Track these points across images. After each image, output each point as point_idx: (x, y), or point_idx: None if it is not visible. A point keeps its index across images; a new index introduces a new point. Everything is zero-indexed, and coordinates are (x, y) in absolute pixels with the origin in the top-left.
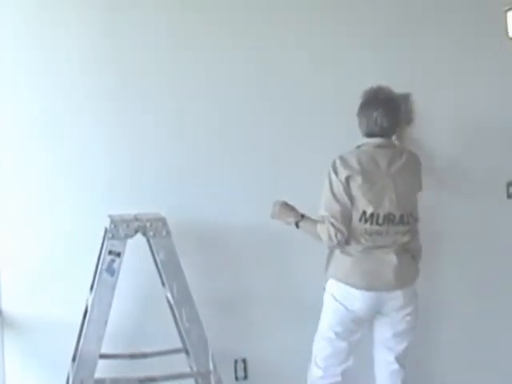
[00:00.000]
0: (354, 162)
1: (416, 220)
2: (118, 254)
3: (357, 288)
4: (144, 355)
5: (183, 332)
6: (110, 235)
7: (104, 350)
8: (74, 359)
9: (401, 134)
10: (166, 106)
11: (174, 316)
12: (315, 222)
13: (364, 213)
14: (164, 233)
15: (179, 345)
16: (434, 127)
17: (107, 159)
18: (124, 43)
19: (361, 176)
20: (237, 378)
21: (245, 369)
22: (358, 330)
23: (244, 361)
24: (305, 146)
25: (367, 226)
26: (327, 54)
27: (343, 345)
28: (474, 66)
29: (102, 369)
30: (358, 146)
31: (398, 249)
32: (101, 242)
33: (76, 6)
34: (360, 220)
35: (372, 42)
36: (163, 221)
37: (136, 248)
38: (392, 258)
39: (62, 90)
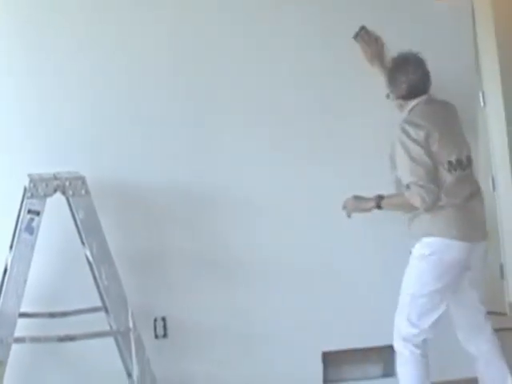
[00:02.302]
0: (421, 122)
1: None
2: (37, 213)
3: (458, 240)
4: (64, 314)
5: (102, 290)
6: (29, 194)
7: (24, 309)
8: None
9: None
10: (84, 66)
11: (94, 274)
12: (397, 194)
13: (450, 162)
14: (83, 192)
15: (99, 303)
16: None
17: (26, 119)
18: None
19: (435, 130)
20: (156, 336)
21: (164, 327)
22: (458, 286)
23: (163, 319)
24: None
25: (457, 173)
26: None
27: (440, 300)
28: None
29: (22, 327)
30: (410, 110)
31: (478, 197)
32: (20, 201)
33: None
34: (449, 171)
35: None
36: (82, 180)
37: (55, 207)
38: (478, 208)
39: None
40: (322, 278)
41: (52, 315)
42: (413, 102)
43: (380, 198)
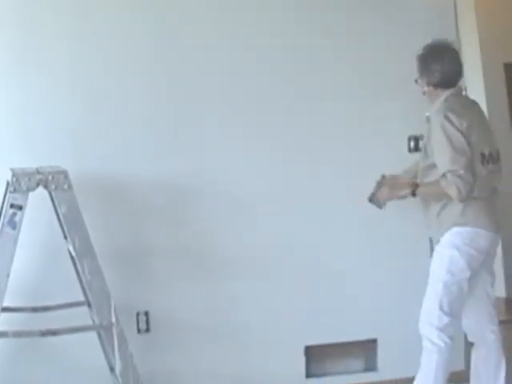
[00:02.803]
0: (462, 112)
1: None
2: (20, 208)
3: (486, 230)
4: (46, 308)
5: (85, 285)
6: (12, 188)
7: (6, 303)
8: None
9: None
10: (67, 62)
11: (76, 269)
12: (433, 182)
13: (483, 155)
14: (66, 186)
15: (81, 298)
16: None
17: (8, 114)
18: None
19: (474, 121)
20: (139, 331)
21: (147, 321)
22: (478, 272)
23: (146, 313)
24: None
25: (489, 166)
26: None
27: (467, 287)
28: None
29: (4, 322)
30: (445, 100)
31: (497, 191)
32: (2, 195)
33: None
34: (482, 163)
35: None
36: (65, 174)
37: (38, 201)
38: (496, 201)
39: None
40: (304, 273)
41: (34, 310)
42: (445, 92)
43: (415, 185)
